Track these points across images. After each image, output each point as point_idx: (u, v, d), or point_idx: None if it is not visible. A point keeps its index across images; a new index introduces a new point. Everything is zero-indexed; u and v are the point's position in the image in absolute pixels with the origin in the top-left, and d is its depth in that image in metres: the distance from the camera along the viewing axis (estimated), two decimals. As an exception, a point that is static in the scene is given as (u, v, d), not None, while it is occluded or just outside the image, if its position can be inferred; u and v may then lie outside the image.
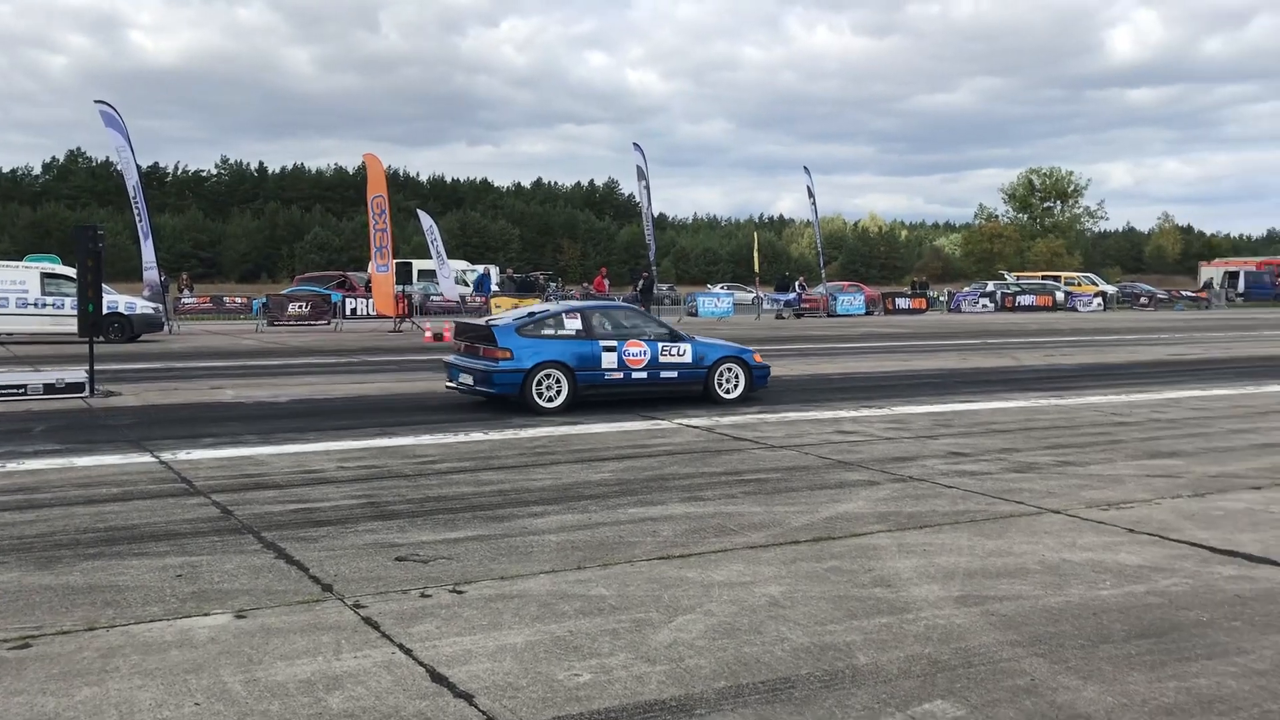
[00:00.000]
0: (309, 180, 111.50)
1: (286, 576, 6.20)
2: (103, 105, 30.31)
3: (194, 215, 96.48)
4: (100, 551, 6.71)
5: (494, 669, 4.77)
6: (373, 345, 26.49)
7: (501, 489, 8.78)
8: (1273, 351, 25.08)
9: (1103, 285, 61.30)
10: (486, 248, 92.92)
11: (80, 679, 4.62)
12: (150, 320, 27.12)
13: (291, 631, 5.24)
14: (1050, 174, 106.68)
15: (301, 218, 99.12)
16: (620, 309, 15.83)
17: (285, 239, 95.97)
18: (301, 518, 7.69)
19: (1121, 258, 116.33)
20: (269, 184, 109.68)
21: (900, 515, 7.88)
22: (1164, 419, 13.14)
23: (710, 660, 4.89)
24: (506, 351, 13.27)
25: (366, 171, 34.20)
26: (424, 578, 6.19)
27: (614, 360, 13.80)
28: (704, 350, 14.52)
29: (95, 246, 15.18)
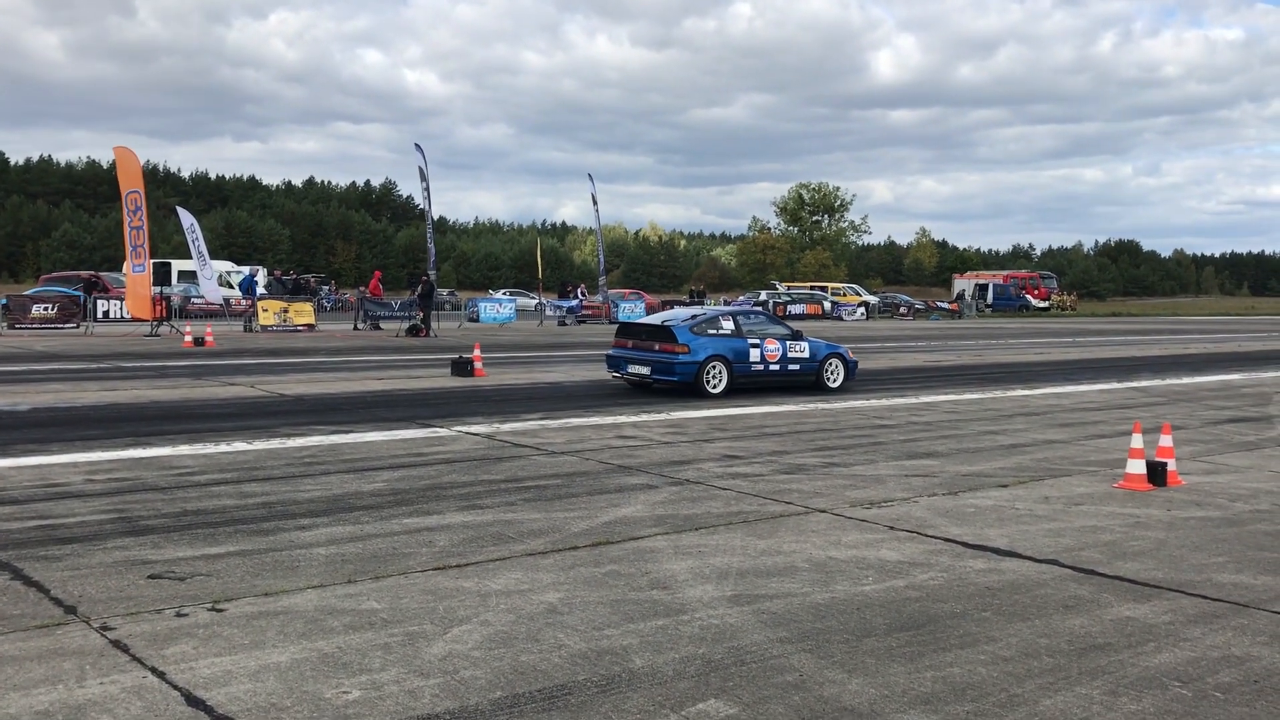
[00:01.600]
0: (58, 173, 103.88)
1: (24, 599, 5.69)
2: None
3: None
4: None
5: (256, 690, 4.51)
6: (127, 350, 24.86)
7: (267, 501, 8.38)
8: (1016, 359, 27.10)
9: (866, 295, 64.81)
10: (254, 248, 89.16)
11: None
12: None
13: (28, 659, 4.80)
14: (819, 189, 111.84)
15: (49, 213, 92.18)
16: (757, 314, 18.60)
17: (30, 235, 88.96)
18: (43, 535, 7.09)
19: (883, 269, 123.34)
20: (12, 176, 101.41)
21: (677, 518, 8.00)
22: (921, 422, 13.94)
23: (486, 671, 4.80)
24: (685, 347, 16.04)
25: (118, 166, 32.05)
26: (180, 596, 5.81)
27: (758, 355, 16.67)
28: (817, 347, 17.46)
29: None
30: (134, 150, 31.94)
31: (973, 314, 64.45)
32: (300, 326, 34.66)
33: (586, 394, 16.91)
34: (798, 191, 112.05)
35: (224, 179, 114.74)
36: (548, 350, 28.10)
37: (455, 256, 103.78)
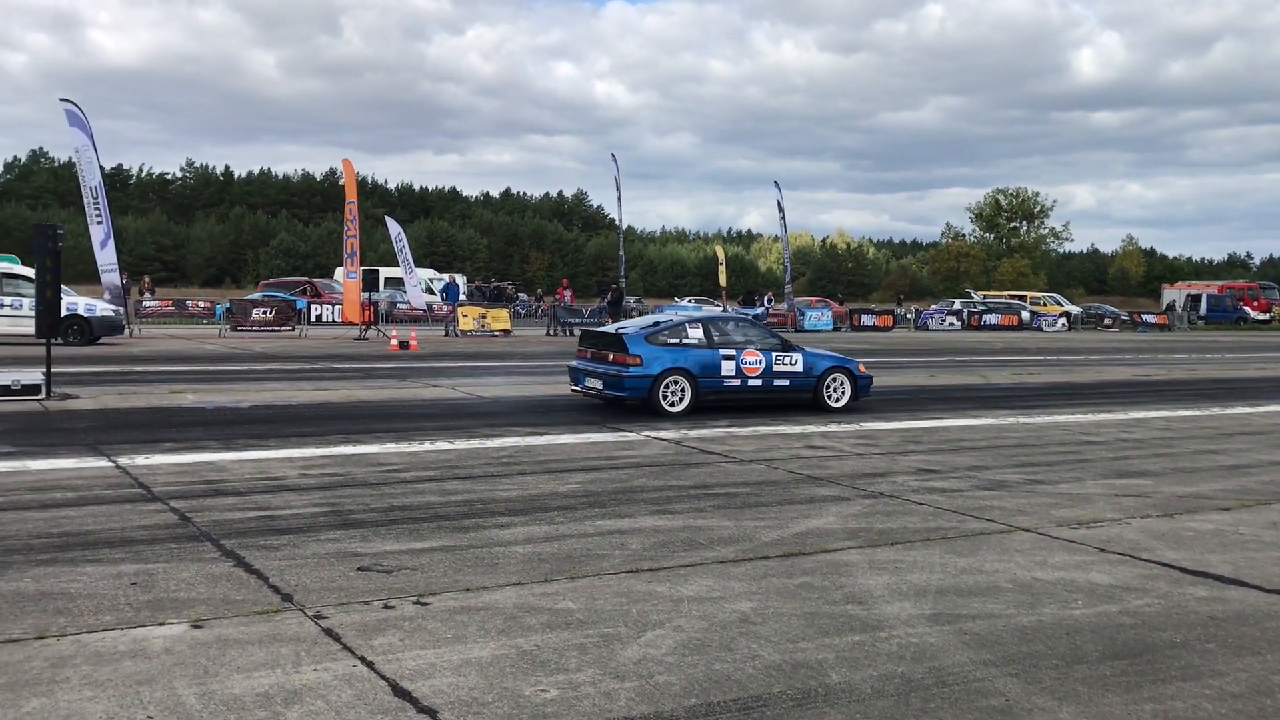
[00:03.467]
0: (275, 185, 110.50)
1: (245, 586, 6.04)
2: (67, 103, 29.86)
3: (157, 218, 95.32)
4: (53, 557, 6.51)
5: (458, 684, 4.64)
6: (337, 352, 26.22)
7: (467, 499, 8.64)
8: (1235, 374, 25.36)
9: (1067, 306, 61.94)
10: (454, 256, 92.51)
11: (29, 689, 4.44)
12: (110, 323, 26.68)
13: (249, 643, 5.08)
14: (1017, 194, 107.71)
15: (267, 223, 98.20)
16: (738, 320, 16.53)
17: (250, 244, 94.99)
18: (262, 525, 7.52)
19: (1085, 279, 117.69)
20: (235, 188, 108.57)
21: (871, 531, 7.81)
22: (1131, 439, 13.20)
23: (680, 677, 4.78)
24: (636, 358, 14.06)
25: (342, 176, 33.92)
26: (387, 588, 6.05)
27: (732, 368, 14.59)
28: (813, 360, 15.24)
29: (54, 246, 14.90)
30: (347, 163, 33.71)
31: (1183, 326, 60.69)
32: (497, 332, 35.76)
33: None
34: (994, 197, 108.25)
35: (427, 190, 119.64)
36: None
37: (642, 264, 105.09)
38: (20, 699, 4.35)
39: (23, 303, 24.26)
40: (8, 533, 7.11)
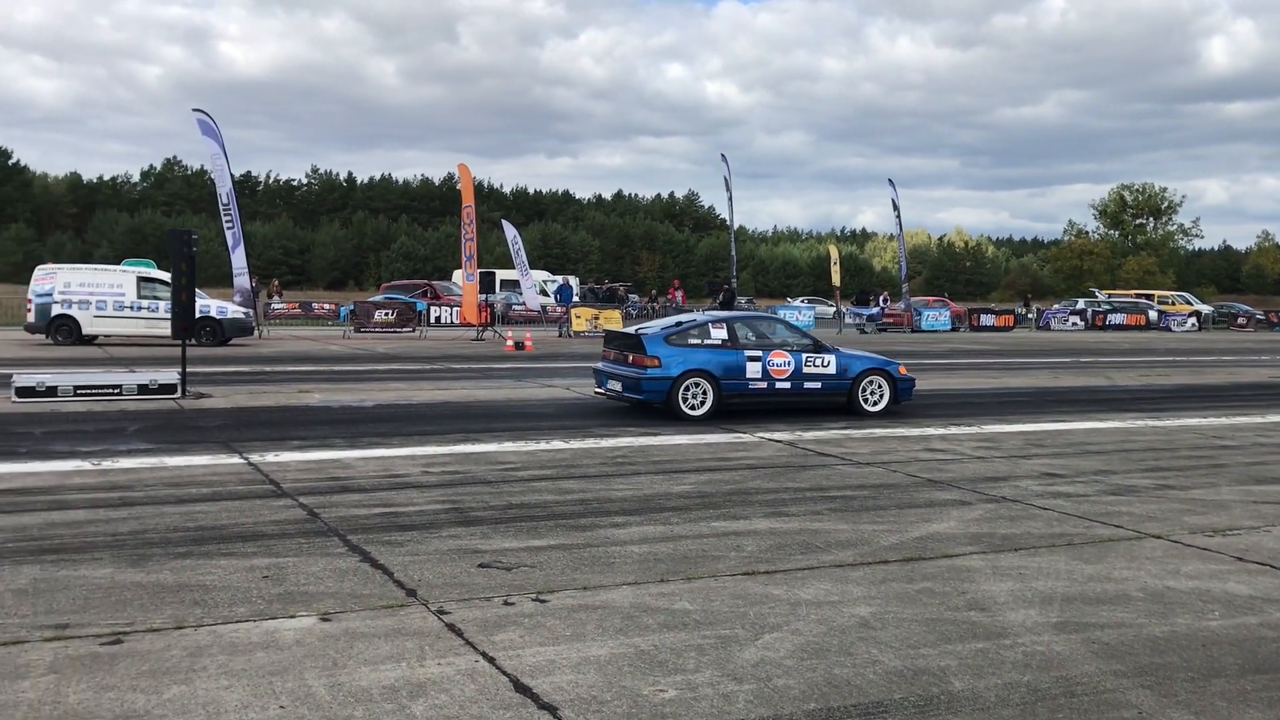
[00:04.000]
0: (396, 190, 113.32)
1: (371, 580, 6.21)
2: (200, 113, 31.13)
3: (284, 223, 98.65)
4: (189, 550, 6.79)
5: (577, 681, 4.69)
6: (455, 352, 26.73)
7: (583, 498, 8.73)
8: (1382, 376, 24.03)
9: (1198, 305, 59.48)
10: (567, 259, 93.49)
11: (169, 677, 4.64)
12: (241, 325, 27.70)
13: (376, 636, 5.22)
14: (1143, 190, 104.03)
15: (388, 227, 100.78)
16: (766, 320, 16.02)
17: (372, 247, 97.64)
18: (386, 521, 7.72)
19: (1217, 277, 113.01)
20: (357, 193, 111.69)
21: (994, 537, 7.63)
22: (1269, 443, 12.62)
23: (799, 681, 4.75)
24: (655, 360, 13.58)
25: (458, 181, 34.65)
26: (507, 585, 6.15)
27: (758, 370, 13.97)
28: (848, 362, 14.55)
29: (189, 251, 15.54)
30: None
31: (1327, 325, 57.71)
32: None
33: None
34: (1119, 193, 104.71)
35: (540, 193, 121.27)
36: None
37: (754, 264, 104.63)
38: (161, 686, 4.54)
39: (159, 305, 25.36)
40: (147, 526, 7.44)
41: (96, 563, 6.45)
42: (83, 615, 5.45)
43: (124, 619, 5.41)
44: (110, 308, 25.95)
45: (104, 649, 4.97)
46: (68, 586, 5.94)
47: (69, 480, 9.05)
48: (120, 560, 6.51)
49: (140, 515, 7.77)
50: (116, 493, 8.58)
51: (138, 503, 8.21)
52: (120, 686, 4.52)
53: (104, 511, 7.87)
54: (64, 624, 5.30)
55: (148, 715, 4.24)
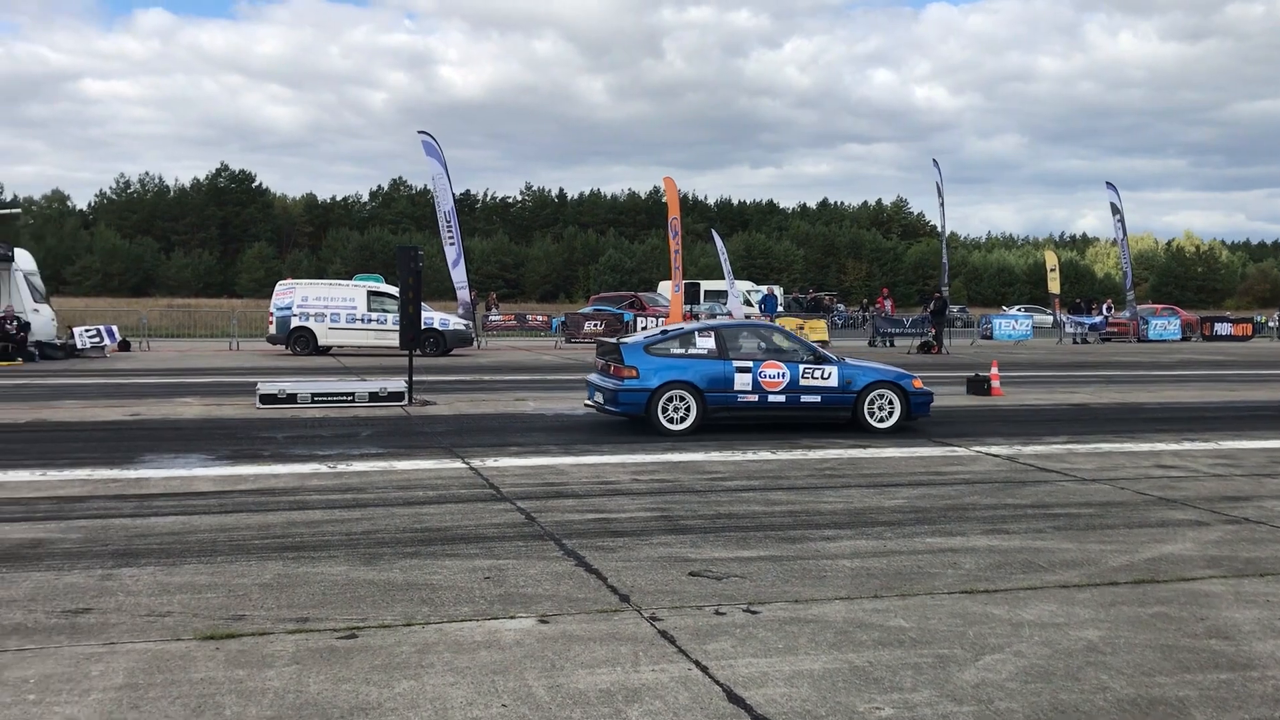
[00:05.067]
0: (604, 205, 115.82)
1: (586, 585, 6.35)
2: (424, 135, 32.74)
3: (500, 239, 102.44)
4: (417, 551, 7.13)
5: (791, 694, 4.65)
6: (662, 363, 27.05)
7: (792, 509, 8.66)
8: None
9: None
10: (771, 268, 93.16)
11: (399, 672, 4.88)
12: (461, 336, 28.95)
13: (592, 640, 5.33)
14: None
15: (597, 240, 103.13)
16: (764, 328, 15.07)
17: (581, 261, 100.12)
18: (599, 527, 7.88)
19: None
20: (568, 209, 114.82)
21: (1236, 560, 7.12)
22: None
23: (1023, 705, 4.56)
24: (632, 370, 12.99)
25: (664, 194, 35.14)
26: (718, 595, 6.17)
27: (748, 382, 13.13)
28: (852, 374, 13.53)
29: (415, 266, 16.35)
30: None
31: None
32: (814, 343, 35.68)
33: (1114, 417, 15.67)
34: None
35: (744, 204, 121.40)
36: (1068, 370, 26.44)
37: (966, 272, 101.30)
38: (393, 680, 4.78)
39: (387, 318, 26.82)
40: (378, 527, 7.87)
41: (333, 560, 6.86)
42: (321, 610, 5.80)
43: (358, 614, 5.73)
44: (343, 320, 27.62)
45: (340, 642, 5.28)
46: (307, 582, 6.34)
47: (308, 482, 9.67)
48: (354, 558, 6.91)
49: (372, 516, 8.23)
50: (350, 494, 9.11)
51: (369, 504, 8.69)
52: (355, 679, 4.79)
53: (339, 512, 8.37)
54: (304, 617, 5.66)
55: (380, 708, 4.47)
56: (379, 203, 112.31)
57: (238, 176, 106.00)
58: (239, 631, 5.40)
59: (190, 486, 9.47)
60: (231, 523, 7.96)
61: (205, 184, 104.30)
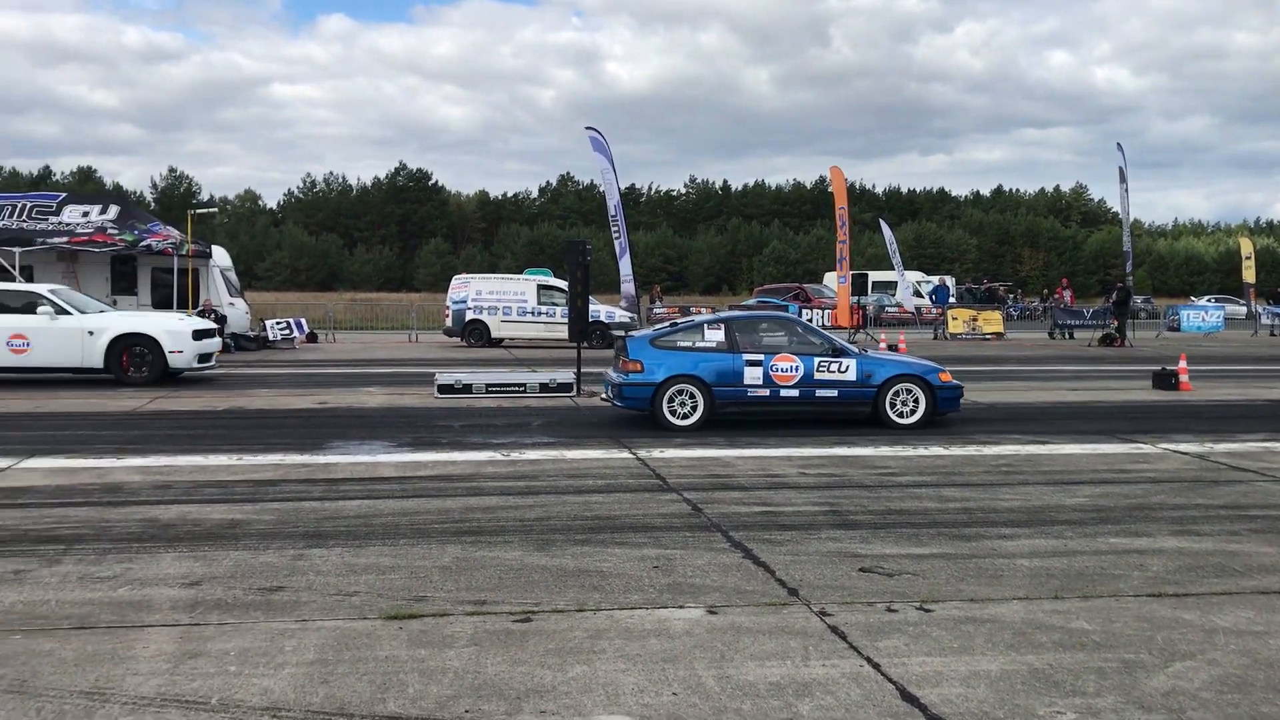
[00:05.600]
0: (768, 196, 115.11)
1: (754, 577, 6.34)
2: (591, 131, 33.20)
3: (664, 232, 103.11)
4: (587, 538, 7.26)
5: (967, 695, 4.54)
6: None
7: (966, 507, 8.43)
8: None
9: None
10: (942, 258, 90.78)
11: (572, 657, 4.99)
12: (626, 328, 29.28)
13: (760, 632, 5.33)
14: None
15: (760, 232, 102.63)
16: (781, 320, 14.50)
17: (745, 253, 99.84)
18: (766, 520, 7.86)
19: None
20: (732, 201, 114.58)
21: None
22: None
23: (1217, 716, 4.32)
24: (637, 364, 12.78)
25: (829, 184, 34.71)
26: (889, 591, 6.07)
27: (759, 376, 12.73)
28: (872, 368, 12.97)
29: (583, 260, 16.63)
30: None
31: None
32: (989, 335, 34.61)
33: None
34: None
35: (914, 193, 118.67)
36: (1265, 364, 24.87)
37: (1151, 260, 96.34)
38: (566, 664, 4.89)
39: (556, 311, 27.39)
40: (550, 514, 8.05)
41: (507, 545, 7.06)
42: (497, 593, 5.98)
43: (532, 599, 5.88)
44: (515, 313, 28.37)
45: (515, 626, 5.43)
46: (484, 566, 6.55)
47: (483, 469, 9.98)
48: (528, 544, 7.09)
49: (544, 503, 8.42)
50: (523, 481, 9.35)
51: (541, 491, 8.90)
52: (530, 662, 4.92)
53: (513, 499, 8.60)
54: (481, 600, 5.85)
55: (554, 691, 4.58)
56: (547, 198, 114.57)
57: (415, 175, 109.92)
58: (420, 612, 5.62)
59: (374, 472, 9.90)
60: (413, 507, 8.28)
61: (385, 183, 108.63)
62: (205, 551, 6.88)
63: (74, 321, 17.27)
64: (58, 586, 6.09)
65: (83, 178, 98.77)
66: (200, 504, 8.38)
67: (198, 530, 7.48)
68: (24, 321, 17.09)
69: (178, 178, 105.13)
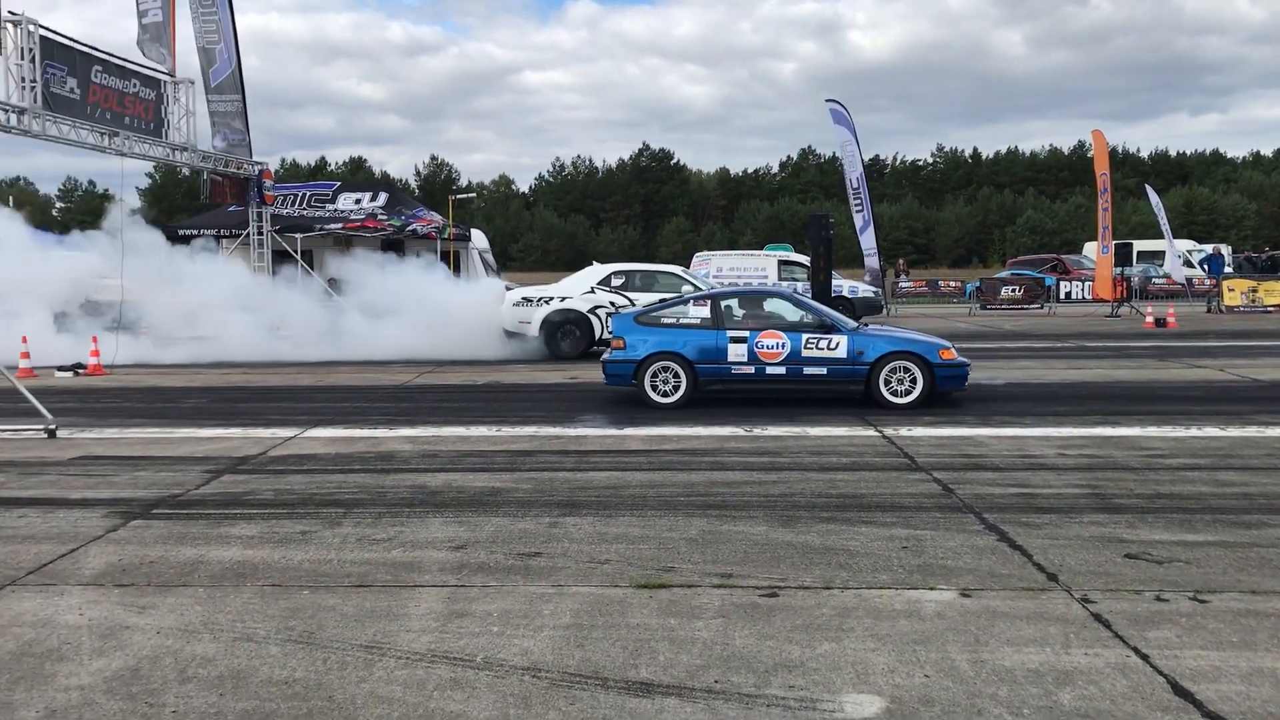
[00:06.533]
0: (1021, 163, 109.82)
1: (1010, 561, 6.12)
2: (832, 103, 32.72)
3: (910, 204, 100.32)
4: (833, 516, 7.20)
5: (1249, 693, 4.22)
6: (1088, 330, 25.33)
7: (1246, 492, 7.81)
8: None
9: None
10: (1215, 225, 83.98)
11: (819, 634, 4.97)
12: (870, 303, 28.68)
13: (1017, 617, 5.14)
14: None
15: (1013, 201, 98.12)
16: (771, 295, 13.93)
17: (997, 223, 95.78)
18: (1022, 502, 7.55)
19: None
20: (982, 169, 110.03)
21: None
22: None
23: None
24: (620, 341, 12.77)
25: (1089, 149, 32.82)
26: (1158, 580, 5.71)
27: (743, 353, 12.45)
28: (864, 344, 12.37)
29: (826, 234, 16.46)
30: (1100, 133, 32.40)
31: None
32: (1270, 308, 31.81)
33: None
34: None
35: (1184, 155, 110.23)
36: None
37: None
38: (814, 641, 4.88)
39: (797, 287, 27.16)
40: (794, 490, 8.03)
41: (752, 520, 7.10)
42: (743, 567, 6.03)
43: (778, 574, 5.89)
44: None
45: (762, 600, 5.46)
46: (729, 540, 6.62)
47: (726, 444, 10.07)
48: (772, 520, 7.11)
49: (787, 480, 8.42)
50: (766, 458, 9.37)
51: (784, 468, 8.90)
52: (777, 636, 4.94)
53: (756, 474, 8.64)
54: (728, 573, 5.92)
55: (803, 666, 4.58)
56: (788, 173, 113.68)
57: (657, 155, 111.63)
58: (669, 582, 5.74)
59: (622, 445, 10.17)
60: (659, 480, 8.47)
61: (629, 164, 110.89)
62: (469, 517, 7.29)
63: None
64: (339, 547, 6.61)
65: (354, 167, 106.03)
66: (464, 472, 8.87)
67: (462, 497, 7.93)
68: None
69: (438, 165, 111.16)
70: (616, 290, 18.60)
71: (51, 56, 16.37)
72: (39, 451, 10.21)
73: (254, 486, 8.46)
